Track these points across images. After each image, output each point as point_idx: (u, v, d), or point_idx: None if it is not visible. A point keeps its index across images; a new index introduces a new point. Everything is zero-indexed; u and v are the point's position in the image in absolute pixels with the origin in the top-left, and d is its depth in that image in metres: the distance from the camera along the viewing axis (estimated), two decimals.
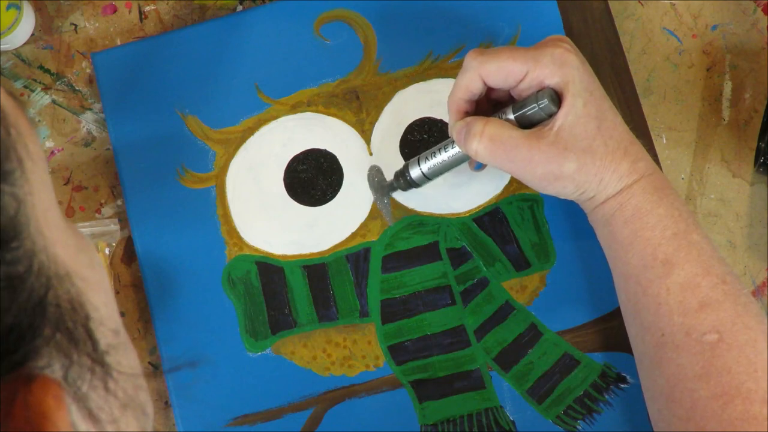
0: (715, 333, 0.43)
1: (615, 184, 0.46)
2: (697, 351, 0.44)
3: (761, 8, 0.57)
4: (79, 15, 0.58)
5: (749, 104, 0.57)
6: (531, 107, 0.45)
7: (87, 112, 0.57)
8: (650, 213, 0.46)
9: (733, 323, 0.44)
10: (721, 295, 0.44)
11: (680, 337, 0.44)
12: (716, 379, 0.43)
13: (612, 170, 0.46)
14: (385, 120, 0.55)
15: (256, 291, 0.54)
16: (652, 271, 0.46)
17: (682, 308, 0.44)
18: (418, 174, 0.51)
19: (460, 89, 0.48)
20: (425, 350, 0.53)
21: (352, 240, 0.54)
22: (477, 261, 0.54)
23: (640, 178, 0.46)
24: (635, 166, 0.46)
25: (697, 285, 0.45)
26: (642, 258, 0.46)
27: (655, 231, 0.46)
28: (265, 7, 0.57)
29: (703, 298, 0.44)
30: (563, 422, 0.52)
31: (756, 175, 0.56)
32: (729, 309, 0.44)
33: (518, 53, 0.46)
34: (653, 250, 0.46)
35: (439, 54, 0.56)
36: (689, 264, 0.45)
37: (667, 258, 0.45)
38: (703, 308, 0.44)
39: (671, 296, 0.45)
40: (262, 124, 0.55)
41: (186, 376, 0.53)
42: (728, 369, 0.43)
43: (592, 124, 0.45)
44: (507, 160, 0.46)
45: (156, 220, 0.54)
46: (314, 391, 0.53)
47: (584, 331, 0.53)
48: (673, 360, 0.44)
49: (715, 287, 0.44)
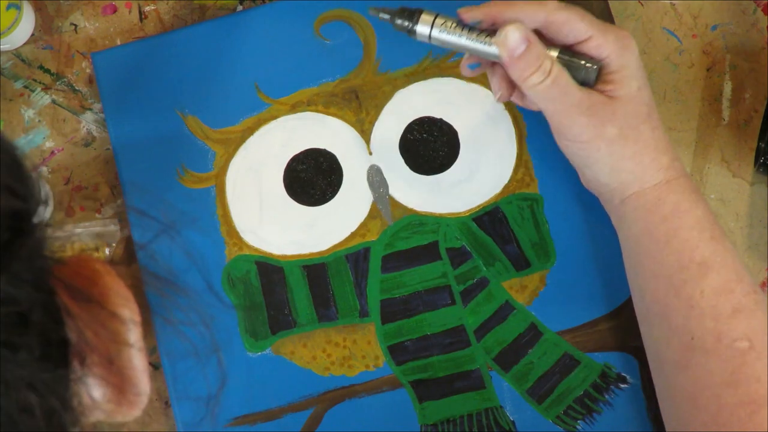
0: (746, 340, 0.43)
1: (654, 174, 0.46)
2: (728, 357, 0.43)
3: (761, 8, 0.57)
4: (79, 15, 0.58)
5: (749, 104, 0.57)
6: (579, 61, 0.45)
7: (87, 112, 0.57)
8: (689, 213, 0.45)
9: (764, 332, 0.43)
10: (753, 303, 0.44)
11: (711, 341, 0.44)
12: (745, 387, 0.42)
13: (652, 158, 0.46)
14: (384, 120, 0.55)
15: (256, 291, 0.54)
16: (687, 272, 0.45)
17: (715, 313, 0.44)
18: (424, 31, 0.47)
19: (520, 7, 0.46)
20: (425, 350, 0.53)
21: (352, 240, 0.54)
22: (477, 261, 0.54)
23: (680, 176, 0.46)
24: (675, 162, 0.46)
25: (731, 290, 0.44)
26: (678, 258, 0.45)
27: (693, 232, 0.45)
28: (265, 7, 0.57)
29: (736, 304, 0.44)
30: (563, 422, 0.52)
31: (756, 175, 0.56)
32: (761, 317, 0.44)
33: (589, 17, 0.46)
34: (691, 252, 0.45)
35: (439, 53, 0.56)
36: (725, 269, 0.44)
37: (704, 260, 0.45)
38: (736, 314, 0.44)
39: (704, 299, 0.44)
40: (262, 124, 0.55)
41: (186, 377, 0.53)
42: (757, 377, 0.42)
43: (644, 108, 0.46)
44: (558, 101, 0.45)
45: (156, 220, 0.54)
46: (314, 391, 0.53)
47: (584, 331, 0.53)
48: (702, 365, 0.44)
49: (747, 295, 0.44)
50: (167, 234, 0.54)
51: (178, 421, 0.52)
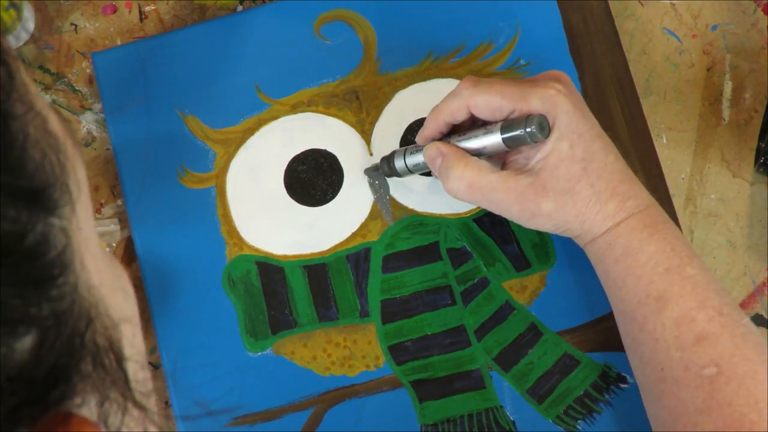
0: (713, 366, 0.43)
1: (601, 224, 0.46)
2: (697, 385, 0.43)
3: (761, 8, 0.57)
4: (79, 15, 0.58)
5: (749, 104, 0.57)
6: (518, 132, 0.45)
7: (87, 112, 0.57)
8: (640, 251, 0.46)
9: (731, 355, 0.43)
10: (718, 328, 0.44)
11: (679, 371, 0.44)
12: (717, 412, 0.42)
13: (596, 211, 0.46)
14: (385, 120, 0.55)
15: (257, 291, 0.54)
16: (646, 307, 0.45)
17: (679, 343, 0.44)
18: (401, 165, 0.52)
19: (444, 112, 0.48)
20: (425, 350, 0.53)
21: (353, 240, 0.54)
22: (477, 261, 0.54)
23: (629, 216, 0.46)
24: (623, 205, 0.46)
25: (692, 319, 0.44)
26: (635, 295, 0.46)
27: (646, 268, 0.45)
28: (265, 7, 0.57)
29: (699, 331, 0.44)
30: (563, 422, 0.52)
31: (756, 175, 0.56)
32: (727, 341, 0.44)
33: (508, 90, 0.46)
34: (645, 287, 0.45)
35: (439, 54, 0.56)
36: (683, 299, 0.44)
37: (660, 294, 0.45)
38: (700, 342, 0.44)
39: (667, 331, 0.44)
40: (263, 124, 0.55)
41: (186, 376, 0.53)
42: (729, 402, 0.42)
43: (577, 166, 0.45)
44: (484, 201, 0.47)
45: (156, 220, 0.54)
46: (314, 391, 0.53)
47: (584, 331, 0.53)
48: (674, 394, 0.44)
49: (711, 320, 0.44)
50: (167, 234, 0.54)
51: (178, 421, 0.52)
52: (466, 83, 0.47)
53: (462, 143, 0.48)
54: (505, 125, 0.46)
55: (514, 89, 0.46)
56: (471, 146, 0.48)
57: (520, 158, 0.48)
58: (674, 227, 0.47)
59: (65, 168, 0.23)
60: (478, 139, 0.47)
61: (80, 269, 0.23)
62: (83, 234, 0.23)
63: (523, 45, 0.56)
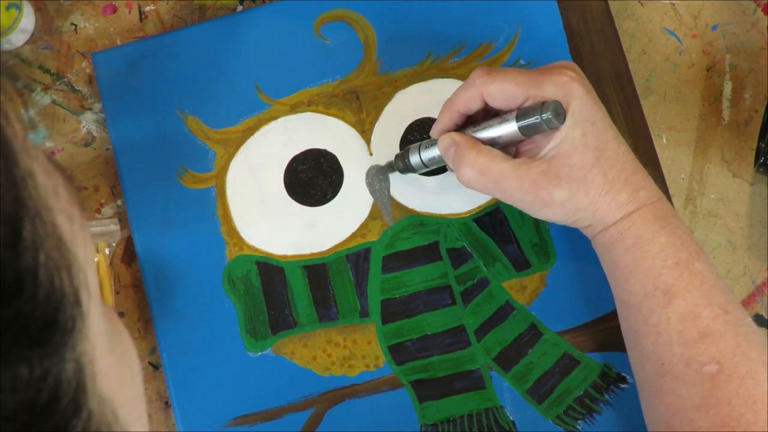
0: (714, 364, 0.43)
1: (614, 213, 0.46)
2: (697, 381, 0.43)
3: (761, 8, 0.57)
4: (79, 15, 0.58)
5: (749, 104, 0.57)
6: (534, 118, 0.45)
7: (87, 112, 0.57)
8: (651, 242, 0.45)
9: (733, 354, 0.43)
10: (722, 326, 0.44)
11: (680, 367, 0.44)
12: (715, 410, 0.42)
13: (609, 200, 0.46)
14: (385, 120, 0.55)
15: (256, 291, 0.54)
16: (652, 300, 0.45)
17: (682, 338, 0.44)
18: (417, 160, 0.51)
19: (458, 102, 0.48)
20: (425, 350, 0.53)
21: (353, 240, 0.54)
22: (477, 261, 0.54)
23: (641, 206, 0.46)
24: (636, 195, 0.46)
25: (697, 315, 0.44)
26: (642, 286, 0.46)
27: (656, 260, 0.45)
28: (265, 7, 0.57)
29: (703, 328, 0.44)
30: (563, 422, 0.52)
31: (756, 175, 0.56)
32: (730, 340, 0.44)
33: (522, 78, 0.46)
34: (654, 279, 0.45)
35: (439, 54, 0.56)
36: (690, 294, 0.44)
37: (668, 287, 0.45)
38: (703, 339, 0.44)
39: (671, 326, 0.44)
40: (262, 124, 0.55)
41: (186, 376, 0.53)
42: (727, 400, 0.42)
43: (590, 154, 0.45)
44: (497, 190, 0.47)
45: (156, 220, 0.54)
46: (314, 391, 0.53)
47: (584, 331, 0.53)
48: (673, 390, 0.44)
49: (716, 318, 0.44)
50: (167, 234, 0.54)
51: (178, 421, 0.52)
52: (479, 72, 0.47)
53: (477, 134, 0.48)
54: (520, 113, 0.46)
55: (527, 77, 0.46)
56: (486, 136, 0.48)
57: (532, 148, 0.48)
58: (683, 222, 0.47)
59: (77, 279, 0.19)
60: (493, 128, 0.47)
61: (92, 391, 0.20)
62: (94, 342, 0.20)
63: (523, 45, 0.56)
